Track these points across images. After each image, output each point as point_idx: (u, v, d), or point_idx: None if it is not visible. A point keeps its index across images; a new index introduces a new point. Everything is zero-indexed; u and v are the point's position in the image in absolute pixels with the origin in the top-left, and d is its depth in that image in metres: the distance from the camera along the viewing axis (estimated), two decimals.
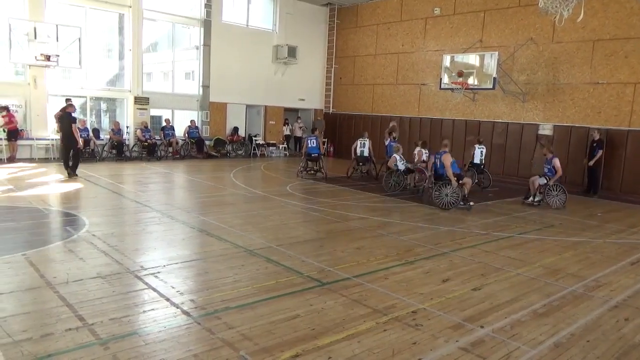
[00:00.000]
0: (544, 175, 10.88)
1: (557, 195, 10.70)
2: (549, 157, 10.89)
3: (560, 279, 5.75)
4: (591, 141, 12.68)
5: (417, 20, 17.59)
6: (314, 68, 20.78)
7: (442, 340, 3.94)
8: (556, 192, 10.72)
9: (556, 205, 10.64)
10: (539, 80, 14.38)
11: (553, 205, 10.63)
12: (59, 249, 5.96)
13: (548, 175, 10.78)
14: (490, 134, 15.50)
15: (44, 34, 13.70)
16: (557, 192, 10.72)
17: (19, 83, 14.32)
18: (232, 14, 18.24)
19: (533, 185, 10.90)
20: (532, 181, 11.01)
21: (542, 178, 10.86)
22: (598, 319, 4.59)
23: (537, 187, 10.82)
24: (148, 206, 8.75)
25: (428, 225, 8.45)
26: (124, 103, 16.50)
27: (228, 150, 18.41)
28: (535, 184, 10.87)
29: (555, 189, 10.72)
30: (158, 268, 5.38)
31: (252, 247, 6.43)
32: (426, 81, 17.29)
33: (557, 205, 10.63)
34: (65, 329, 3.77)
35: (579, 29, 13.24)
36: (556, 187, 10.72)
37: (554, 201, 10.70)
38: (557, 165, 10.65)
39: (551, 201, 10.71)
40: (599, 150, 12.36)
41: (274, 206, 9.41)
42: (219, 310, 4.28)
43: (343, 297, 4.77)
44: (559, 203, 10.66)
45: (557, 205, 10.63)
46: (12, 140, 13.74)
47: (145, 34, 16.41)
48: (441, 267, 6.00)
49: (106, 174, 12.32)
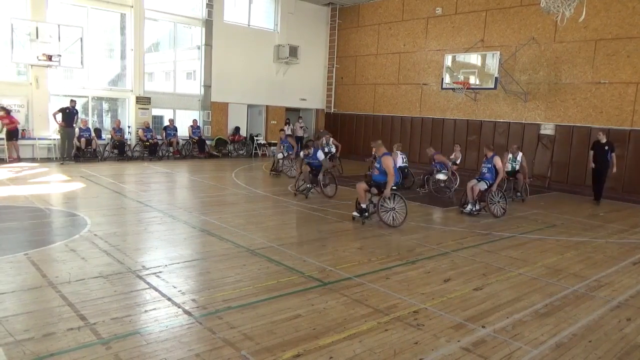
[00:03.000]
0: (483, 180, 9.32)
1: (499, 202, 9.35)
2: (489, 155, 9.41)
3: (562, 279, 5.74)
4: (595, 143, 11.80)
5: (418, 20, 17.57)
6: (315, 68, 20.77)
7: (443, 340, 3.94)
8: (497, 197, 9.37)
9: (498, 213, 9.27)
10: (540, 79, 14.36)
11: (496, 214, 9.23)
12: (61, 248, 5.97)
13: (487, 178, 9.29)
14: (491, 133, 15.50)
15: (45, 34, 13.73)
16: (499, 198, 9.39)
17: (21, 83, 14.35)
18: (233, 14, 18.25)
19: (472, 192, 9.33)
20: (470, 187, 9.37)
21: (482, 182, 9.28)
22: (600, 319, 4.58)
23: (476, 194, 9.32)
24: (150, 206, 8.76)
25: (429, 225, 8.45)
26: (125, 103, 16.52)
27: (229, 150, 18.43)
28: (475, 190, 9.30)
29: (497, 194, 9.37)
30: (160, 268, 5.39)
31: (254, 246, 6.43)
32: (428, 81, 17.28)
33: (499, 213, 9.28)
34: (67, 329, 3.78)
35: (580, 28, 13.22)
36: (497, 192, 9.37)
37: (496, 208, 9.29)
38: (498, 165, 9.21)
39: (493, 208, 9.27)
40: (612, 153, 11.43)
41: (275, 206, 9.41)
42: (220, 310, 4.29)
43: (344, 297, 4.77)
44: (501, 210, 9.34)
45: (499, 213, 9.28)
46: (14, 139, 13.77)
47: (147, 33, 16.43)
48: (443, 267, 6.00)
49: (108, 174, 12.34)
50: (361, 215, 8.18)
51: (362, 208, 8.19)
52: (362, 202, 8.18)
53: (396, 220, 8.02)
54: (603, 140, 11.60)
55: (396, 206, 8.07)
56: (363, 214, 8.17)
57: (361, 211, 8.19)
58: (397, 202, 8.09)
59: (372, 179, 8.24)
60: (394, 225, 7.97)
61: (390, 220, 8.00)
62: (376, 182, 8.10)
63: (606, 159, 11.50)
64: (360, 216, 8.19)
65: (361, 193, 8.18)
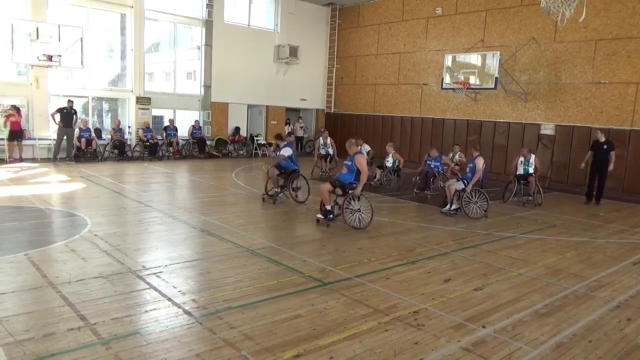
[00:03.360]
0: (461, 179, 9.20)
1: (477, 203, 9.05)
2: (474, 155, 9.23)
3: (562, 279, 5.74)
4: (594, 143, 11.58)
5: (418, 20, 17.58)
6: (315, 68, 20.78)
7: (443, 340, 3.94)
8: (475, 198, 9.07)
9: (476, 214, 9.00)
10: (540, 80, 14.36)
11: (472, 215, 8.99)
12: (61, 248, 5.97)
13: (467, 178, 9.12)
14: (492, 134, 15.50)
15: (46, 34, 13.73)
16: (477, 199, 9.07)
17: (21, 83, 14.36)
18: (233, 14, 18.25)
19: (449, 191, 9.15)
20: (447, 186, 9.27)
21: (459, 182, 9.14)
22: (600, 319, 4.58)
23: (453, 194, 9.11)
24: (150, 206, 8.76)
25: (429, 225, 8.44)
26: (125, 103, 16.53)
27: (230, 150, 18.43)
28: (451, 189, 9.13)
29: (474, 195, 9.09)
30: (160, 268, 5.39)
31: (254, 246, 6.43)
32: (428, 81, 17.28)
33: (478, 215, 8.99)
34: (67, 329, 3.78)
35: (580, 28, 13.22)
36: (475, 192, 9.11)
37: (473, 209, 9.05)
38: (479, 165, 9.01)
39: (470, 210, 9.05)
40: (611, 152, 11.15)
41: (275, 206, 9.40)
42: (220, 310, 4.29)
43: (344, 297, 4.77)
44: (479, 211, 9.03)
45: (478, 215, 8.99)
46: (19, 140, 13.79)
47: (147, 34, 16.43)
48: (443, 267, 6.00)
49: (108, 174, 12.34)
50: (326, 217, 7.78)
51: (326, 210, 7.79)
52: (327, 204, 7.79)
53: (362, 221, 7.63)
54: (602, 139, 11.38)
55: (362, 207, 7.67)
56: (328, 216, 7.78)
57: (326, 213, 7.79)
58: (362, 203, 7.70)
59: (338, 179, 7.86)
60: (360, 227, 7.60)
61: (356, 222, 7.63)
62: (341, 182, 7.74)
63: (606, 159, 11.24)
64: (325, 218, 7.79)
65: (325, 194, 7.78)
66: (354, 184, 7.65)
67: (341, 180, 7.79)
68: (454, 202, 9.17)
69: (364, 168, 7.59)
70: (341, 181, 7.77)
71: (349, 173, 7.71)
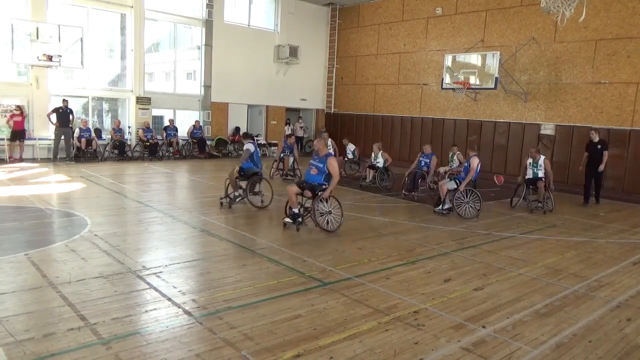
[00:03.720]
0: (454, 179, 9.14)
1: (469, 203, 8.99)
2: (470, 155, 9.17)
3: (562, 279, 5.74)
4: (588, 143, 11.39)
5: (418, 20, 17.58)
6: (315, 68, 20.78)
7: (444, 340, 3.94)
8: (467, 198, 9.01)
9: (469, 214, 8.96)
10: (540, 80, 14.36)
11: (465, 215, 8.94)
12: (61, 248, 5.97)
13: (460, 177, 9.06)
14: (492, 134, 15.50)
15: (46, 34, 13.73)
16: (469, 199, 9.00)
17: (21, 83, 14.36)
18: (233, 14, 18.25)
19: (442, 191, 9.09)
20: (440, 185, 9.21)
21: (452, 182, 9.08)
22: (600, 319, 4.58)
23: (445, 193, 9.06)
24: (150, 206, 8.76)
25: (429, 225, 8.44)
26: (125, 103, 16.53)
27: (230, 150, 18.42)
28: (443, 189, 9.05)
29: (466, 195, 9.02)
30: (160, 268, 5.39)
31: (254, 246, 6.43)
32: (428, 81, 17.29)
33: (470, 215, 8.95)
34: (68, 329, 3.78)
35: (581, 28, 13.22)
36: (468, 192, 9.04)
37: (466, 209, 8.99)
38: (473, 165, 8.96)
39: (462, 210, 8.98)
40: (604, 152, 11.01)
41: (276, 206, 9.39)
42: (220, 310, 4.29)
43: (344, 297, 4.77)
44: (472, 212, 8.98)
45: (470, 215, 8.95)
46: (21, 140, 13.79)
47: (147, 34, 16.43)
48: (443, 267, 6.00)
49: (108, 174, 12.34)
50: (294, 221, 7.41)
51: (294, 213, 7.43)
52: (294, 207, 7.44)
53: (332, 224, 7.37)
54: (595, 139, 11.19)
55: (332, 209, 7.40)
56: (296, 219, 7.40)
57: (294, 216, 7.43)
58: (332, 205, 7.42)
59: (306, 181, 7.51)
60: (330, 230, 7.32)
61: (325, 224, 7.38)
62: (310, 183, 7.40)
63: (601, 159, 11.09)
64: (294, 222, 7.40)
65: (292, 197, 7.41)
66: (323, 185, 7.37)
67: (310, 181, 7.46)
68: (446, 202, 9.12)
69: (336, 173, 7.33)
70: (310, 183, 7.43)
71: (319, 174, 7.41)
